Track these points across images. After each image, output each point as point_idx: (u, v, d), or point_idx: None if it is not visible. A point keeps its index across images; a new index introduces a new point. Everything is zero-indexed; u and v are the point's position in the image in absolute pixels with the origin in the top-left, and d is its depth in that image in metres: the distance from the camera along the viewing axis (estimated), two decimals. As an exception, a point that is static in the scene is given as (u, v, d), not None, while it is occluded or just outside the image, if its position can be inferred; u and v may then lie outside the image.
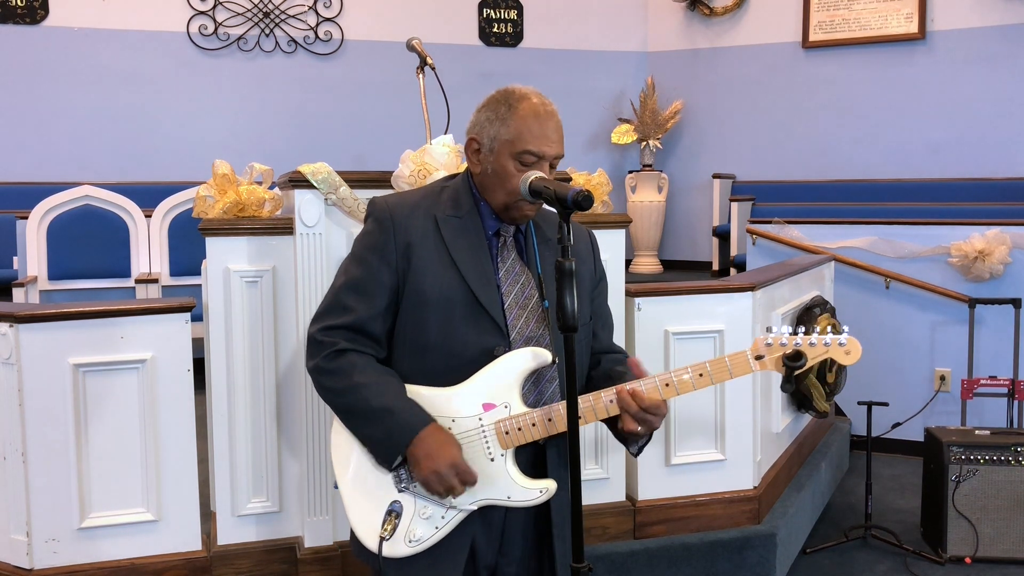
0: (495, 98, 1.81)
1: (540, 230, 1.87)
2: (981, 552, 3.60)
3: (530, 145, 1.74)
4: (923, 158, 6.75)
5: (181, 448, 2.69)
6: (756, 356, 1.79)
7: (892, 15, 6.82)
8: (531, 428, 1.73)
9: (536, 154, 1.75)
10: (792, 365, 1.77)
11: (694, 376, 1.78)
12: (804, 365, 1.77)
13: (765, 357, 1.79)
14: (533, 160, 1.75)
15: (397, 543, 1.73)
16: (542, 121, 1.76)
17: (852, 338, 1.81)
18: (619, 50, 7.81)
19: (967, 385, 4.34)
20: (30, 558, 2.55)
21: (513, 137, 1.75)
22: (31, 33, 6.56)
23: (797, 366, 1.77)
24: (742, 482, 3.25)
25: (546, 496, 1.76)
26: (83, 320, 2.57)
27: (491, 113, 1.79)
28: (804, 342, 1.79)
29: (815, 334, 1.80)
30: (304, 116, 7.10)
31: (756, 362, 1.79)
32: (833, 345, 1.80)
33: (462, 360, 1.75)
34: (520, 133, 1.75)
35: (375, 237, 1.79)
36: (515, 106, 1.76)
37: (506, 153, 1.76)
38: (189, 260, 5.12)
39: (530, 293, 1.80)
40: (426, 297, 1.75)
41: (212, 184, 2.86)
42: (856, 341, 1.81)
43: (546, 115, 1.77)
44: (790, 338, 1.79)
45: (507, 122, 1.76)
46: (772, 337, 1.79)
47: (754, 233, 5.32)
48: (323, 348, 1.77)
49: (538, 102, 1.78)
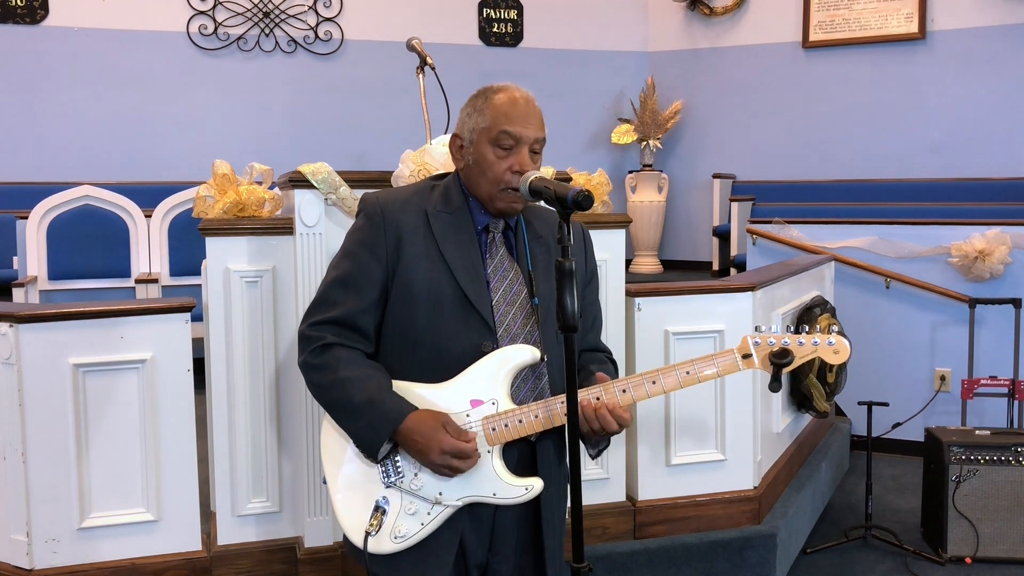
0: (475, 95, 1.84)
1: (531, 227, 1.88)
2: (981, 552, 3.60)
3: (505, 126, 1.75)
4: (923, 158, 6.75)
5: (181, 448, 2.69)
6: (744, 355, 1.79)
7: (892, 15, 6.82)
8: (518, 425, 1.74)
9: (513, 135, 1.76)
10: (779, 363, 1.76)
11: (681, 375, 1.78)
12: (791, 363, 1.77)
13: (753, 356, 1.79)
14: (511, 142, 1.76)
15: (383, 539, 1.74)
16: (517, 104, 1.78)
17: (840, 338, 1.80)
18: (619, 50, 7.81)
19: (967, 385, 4.34)
20: (30, 558, 2.55)
21: (489, 124, 1.77)
22: (31, 33, 6.56)
23: (784, 363, 1.76)
24: (742, 482, 3.25)
25: (532, 494, 1.75)
26: (83, 320, 2.57)
27: (471, 108, 1.82)
28: (792, 340, 1.79)
29: (803, 333, 1.79)
30: (304, 116, 7.10)
31: (743, 360, 1.79)
32: (822, 344, 1.79)
33: (450, 356, 1.75)
34: (495, 118, 1.77)
35: (366, 232, 1.79)
36: (491, 97, 1.79)
37: (484, 140, 1.77)
38: (189, 260, 5.12)
39: (518, 289, 1.81)
40: (415, 292, 1.76)
41: (212, 184, 2.86)
42: (844, 341, 1.80)
43: (522, 99, 1.79)
44: (778, 336, 1.79)
45: (483, 112, 1.78)
46: (760, 336, 1.79)
47: (754, 233, 5.32)
48: (311, 343, 1.78)
49: (514, 89, 1.81)
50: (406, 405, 1.73)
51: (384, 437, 1.72)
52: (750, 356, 1.79)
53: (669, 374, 1.78)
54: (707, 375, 1.80)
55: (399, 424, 1.70)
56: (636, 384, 1.78)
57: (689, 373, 1.78)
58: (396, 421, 1.70)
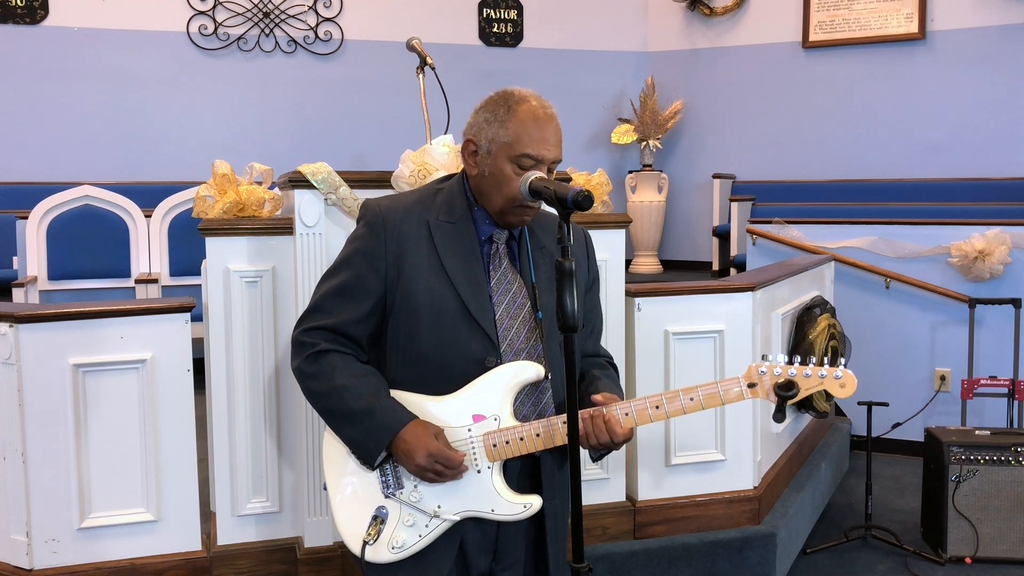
0: (494, 100, 1.78)
1: (535, 236, 1.85)
2: (981, 552, 3.60)
3: (529, 149, 1.72)
4: (923, 158, 6.75)
5: (181, 448, 2.69)
6: (749, 384, 1.77)
7: (892, 15, 6.82)
8: (519, 443, 1.73)
9: (535, 158, 1.72)
10: (784, 395, 1.74)
11: (685, 401, 1.77)
12: (796, 396, 1.75)
13: (758, 385, 1.77)
14: (531, 164, 1.72)
15: (380, 548, 1.74)
16: (542, 125, 1.73)
17: (848, 372, 1.77)
18: (619, 50, 7.81)
19: (967, 385, 4.34)
20: (30, 558, 2.55)
21: (512, 140, 1.72)
22: (31, 33, 6.56)
23: (789, 396, 1.74)
24: (742, 482, 3.25)
25: (530, 512, 1.75)
26: (83, 320, 2.57)
27: (489, 115, 1.76)
28: (799, 372, 1.76)
29: (811, 365, 1.77)
30: (304, 116, 7.09)
31: (748, 390, 1.77)
32: (828, 377, 1.76)
33: (453, 371, 1.74)
34: (519, 136, 1.72)
35: (365, 242, 1.77)
36: (514, 108, 1.74)
37: (504, 156, 1.73)
38: (189, 260, 5.12)
39: (521, 302, 1.79)
40: (417, 305, 1.74)
41: (212, 184, 2.86)
42: (852, 376, 1.77)
43: (546, 118, 1.74)
44: (784, 367, 1.76)
45: (506, 124, 1.73)
46: (767, 365, 1.77)
47: (754, 233, 5.32)
48: (304, 349, 1.77)
49: (538, 105, 1.75)
50: (405, 414, 1.72)
51: (382, 446, 1.71)
52: (755, 385, 1.77)
53: (674, 400, 1.77)
54: (713, 402, 1.78)
55: (397, 433, 1.70)
56: (640, 409, 1.76)
57: (693, 400, 1.77)
58: (395, 430, 1.70)
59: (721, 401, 1.78)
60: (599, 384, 1.86)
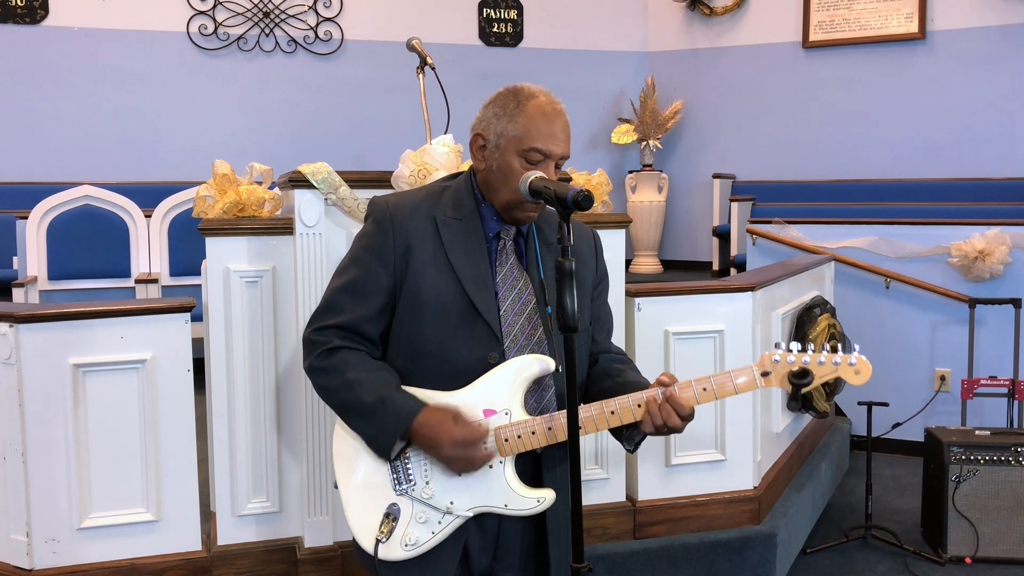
0: (503, 94, 1.78)
1: (542, 233, 1.85)
2: (981, 552, 3.60)
3: (538, 143, 1.72)
4: (923, 158, 6.75)
5: (181, 448, 2.69)
6: (762, 372, 1.74)
7: (892, 15, 6.82)
8: (531, 436, 1.72)
9: (543, 152, 1.73)
10: (798, 383, 1.71)
11: (698, 390, 1.74)
12: (810, 383, 1.71)
13: (771, 374, 1.74)
14: (540, 158, 1.73)
15: (393, 546, 1.73)
16: (551, 119, 1.74)
17: (862, 357, 1.72)
18: (619, 50, 7.81)
19: (967, 385, 4.34)
20: (30, 558, 2.55)
21: (521, 134, 1.72)
22: (31, 33, 6.56)
23: (803, 384, 1.71)
24: (742, 482, 3.25)
25: (543, 506, 1.74)
26: (83, 320, 2.57)
27: (499, 109, 1.76)
28: (812, 360, 1.72)
29: (824, 352, 1.72)
30: (304, 116, 7.09)
31: (762, 378, 1.74)
32: (843, 364, 1.71)
33: (456, 366, 1.74)
34: (528, 130, 1.72)
35: (374, 238, 1.77)
36: (524, 103, 1.74)
37: (512, 150, 1.73)
38: (189, 260, 5.12)
39: (527, 299, 1.78)
40: (422, 301, 1.74)
41: (212, 184, 2.86)
42: (866, 361, 1.72)
43: (555, 113, 1.75)
44: (798, 355, 1.72)
45: (515, 119, 1.73)
46: (780, 353, 1.73)
47: (754, 233, 5.32)
48: (316, 347, 1.76)
49: (547, 100, 1.75)
50: (416, 402, 1.71)
51: (396, 435, 1.70)
52: (768, 374, 1.74)
53: (686, 389, 1.74)
54: (727, 391, 1.75)
55: (411, 421, 1.68)
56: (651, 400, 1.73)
57: (706, 389, 1.74)
58: (408, 418, 1.69)
59: (735, 390, 1.75)
60: (627, 375, 1.85)
